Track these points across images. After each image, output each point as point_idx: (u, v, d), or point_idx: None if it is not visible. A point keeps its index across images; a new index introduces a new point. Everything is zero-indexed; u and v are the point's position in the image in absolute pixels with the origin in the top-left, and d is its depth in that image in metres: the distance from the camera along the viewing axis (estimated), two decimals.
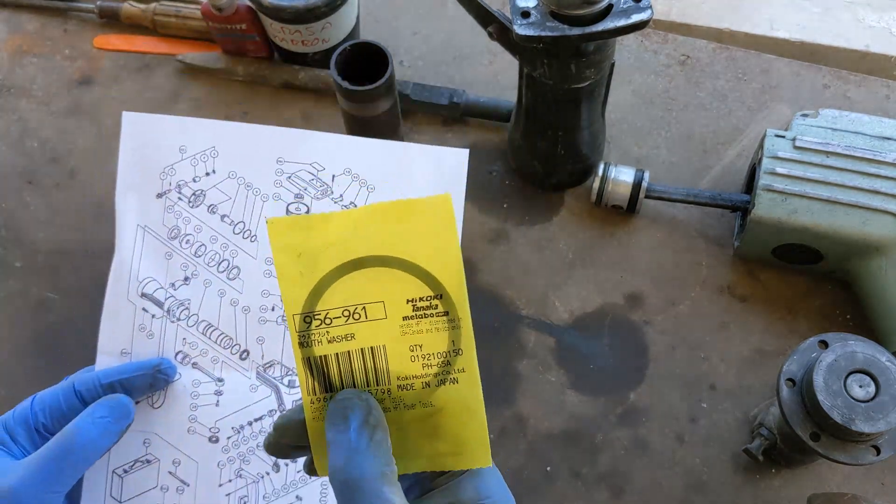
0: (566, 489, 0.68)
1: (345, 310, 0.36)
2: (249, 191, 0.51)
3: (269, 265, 0.51)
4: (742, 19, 0.90)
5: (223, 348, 0.51)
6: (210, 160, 0.51)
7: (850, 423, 0.54)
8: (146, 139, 0.52)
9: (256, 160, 0.51)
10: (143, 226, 0.52)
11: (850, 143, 0.70)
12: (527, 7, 0.63)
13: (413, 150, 0.51)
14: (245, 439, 0.51)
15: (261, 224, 0.51)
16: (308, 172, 0.51)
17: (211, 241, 0.51)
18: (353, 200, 0.51)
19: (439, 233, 0.35)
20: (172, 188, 0.52)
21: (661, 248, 0.77)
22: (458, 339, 0.38)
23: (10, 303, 0.77)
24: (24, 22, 0.92)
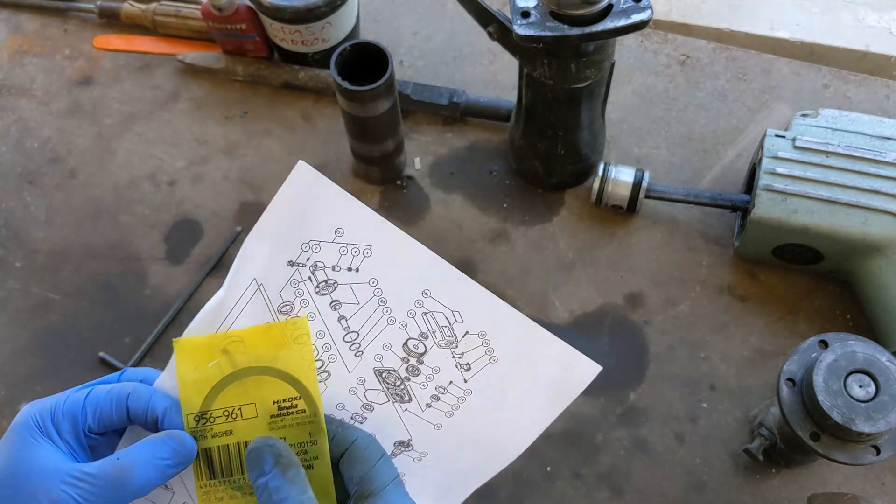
0: (566, 489, 0.68)
1: (224, 410, 0.44)
2: (381, 307, 0.47)
3: (359, 384, 0.48)
4: (742, 19, 0.90)
5: None
6: (360, 257, 0.47)
7: (850, 423, 0.54)
8: (308, 200, 0.47)
9: (405, 282, 0.47)
10: (261, 283, 0.47)
11: (850, 143, 0.70)
12: (527, 7, 0.63)
13: (553, 345, 0.48)
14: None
15: (375, 343, 0.48)
16: (446, 318, 0.48)
17: (317, 335, 0.47)
18: (470, 362, 0.48)
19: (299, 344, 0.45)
20: (308, 264, 0.47)
21: (661, 248, 0.77)
22: (314, 431, 0.45)
23: (10, 303, 0.77)
24: (24, 22, 0.92)
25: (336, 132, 0.84)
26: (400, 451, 0.49)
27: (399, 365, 0.48)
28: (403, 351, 0.48)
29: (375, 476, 0.44)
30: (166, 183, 0.82)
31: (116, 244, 0.79)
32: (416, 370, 0.48)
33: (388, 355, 0.48)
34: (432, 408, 0.49)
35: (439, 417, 0.49)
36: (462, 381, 0.48)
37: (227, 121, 0.85)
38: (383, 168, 0.79)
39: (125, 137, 0.85)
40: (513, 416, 0.49)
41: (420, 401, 0.48)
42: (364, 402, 0.48)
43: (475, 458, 0.50)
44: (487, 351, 0.48)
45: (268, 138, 0.84)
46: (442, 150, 0.83)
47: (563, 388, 0.49)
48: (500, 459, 0.50)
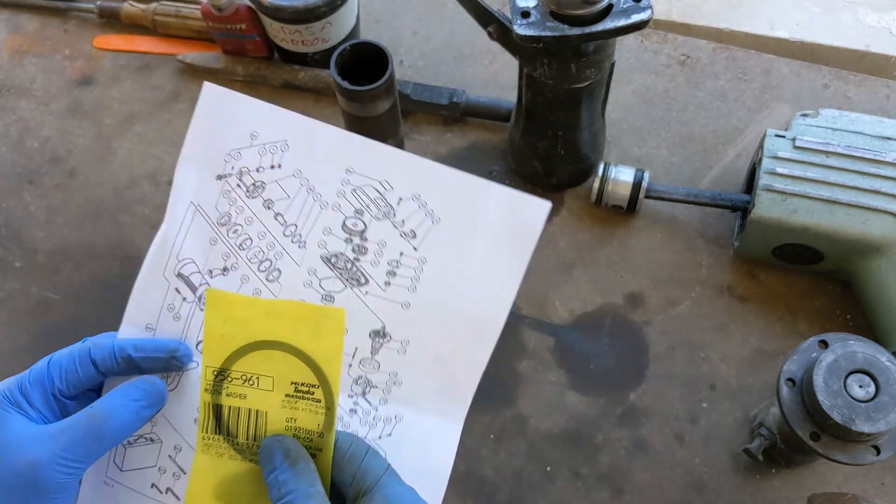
0: (566, 489, 0.68)
1: (243, 374, 0.44)
2: (311, 195, 0.48)
3: (311, 276, 0.48)
4: (742, 19, 0.90)
5: None
6: (279, 153, 0.49)
7: (850, 423, 0.54)
8: (221, 115, 0.49)
9: (326, 164, 0.48)
10: (197, 204, 0.49)
11: (850, 143, 0.70)
12: (527, 7, 0.63)
13: (492, 191, 0.47)
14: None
15: (315, 230, 0.48)
16: (375, 189, 0.48)
17: (259, 236, 0.49)
18: (414, 228, 0.48)
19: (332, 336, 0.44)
20: (234, 173, 0.49)
21: (661, 248, 0.77)
22: (325, 424, 0.45)
23: (10, 303, 0.77)
24: (24, 22, 0.92)
25: None
26: (380, 345, 0.48)
27: (344, 247, 0.48)
28: (344, 232, 0.48)
29: (367, 472, 0.44)
30: (166, 183, 0.82)
31: (116, 244, 0.79)
32: (363, 248, 0.48)
33: (330, 240, 0.48)
34: (392, 285, 0.48)
35: (403, 295, 0.48)
36: (412, 250, 0.48)
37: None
38: None
39: (125, 137, 0.85)
40: (479, 279, 0.48)
41: (377, 280, 0.48)
42: (322, 293, 0.48)
43: (460, 336, 0.48)
44: (427, 213, 0.47)
45: None
46: (442, 150, 0.83)
47: (519, 235, 0.47)
48: (487, 331, 0.49)
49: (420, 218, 0.48)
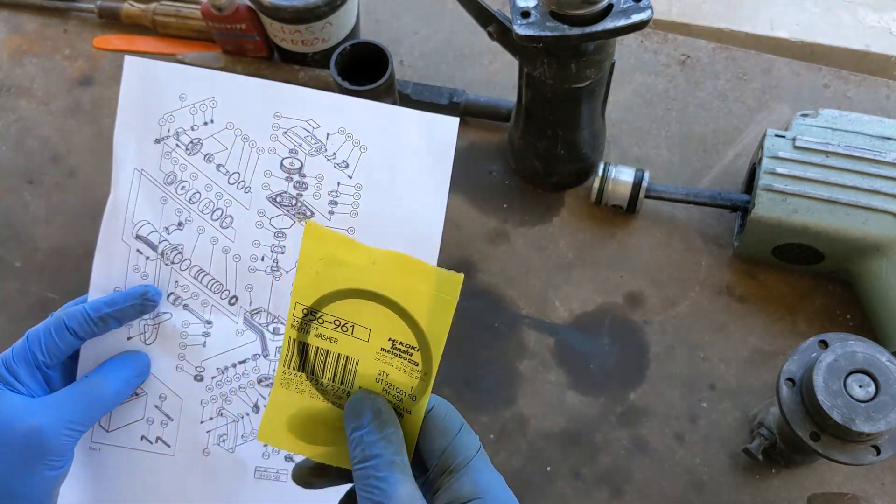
0: (566, 489, 0.68)
1: (337, 319, 0.40)
2: (246, 143, 0.52)
3: (261, 217, 0.52)
4: (742, 19, 0.90)
5: (213, 293, 0.52)
6: (209, 110, 0.52)
7: (850, 423, 0.54)
8: (147, 84, 0.53)
9: (254, 113, 0.52)
10: (140, 169, 0.53)
11: (850, 143, 0.70)
12: (527, 7, 0.63)
13: (406, 115, 0.52)
14: (228, 380, 0.52)
15: (256, 174, 0.52)
16: (303, 129, 0.52)
17: (206, 189, 0.52)
18: (345, 159, 0.52)
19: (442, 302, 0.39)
20: (171, 135, 0.52)
21: (660, 248, 0.77)
22: (419, 389, 0.42)
23: (10, 303, 0.77)
24: (24, 22, 0.92)
25: None
26: None
27: (286, 185, 0.52)
28: (283, 171, 0.52)
29: (459, 449, 0.41)
30: None
31: None
32: (303, 184, 0.52)
33: (272, 181, 0.52)
34: (335, 213, 0.52)
35: (347, 221, 0.52)
36: (347, 179, 0.52)
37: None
38: None
39: None
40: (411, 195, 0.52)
41: (321, 211, 0.52)
42: (274, 230, 0.52)
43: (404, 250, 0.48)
44: (354, 143, 0.52)
45: None
46: None
47: (437, 151, 0.52)
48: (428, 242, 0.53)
49: (349, 149, 0.52)
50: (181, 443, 0.52)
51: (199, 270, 0.52)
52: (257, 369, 0.52)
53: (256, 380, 0.52)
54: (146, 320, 0.53)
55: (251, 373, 0.52)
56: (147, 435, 0.52)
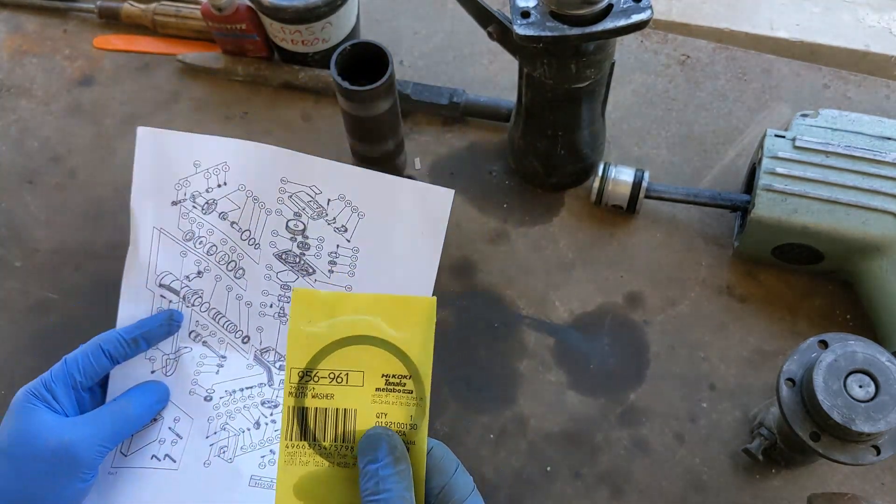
0: (566, 489, 0.68)
1: (331, 373, 0.42)
2: (256, 203, 0.57)
3: (269, 270, 0.57)
4: (742, 19, 0.90)
5: (228, 332, 0.58)
6: (222, 173, 0.57)
7: (850, 423, 0.54)
8: (161, 153, 0.57)
9: (263, 177, 0.57)
10: (160, 228, 0.57)
11: (850, 143, 0.70)
12: (527, 7, 0.63)
13: (403, 185, 0.56)
14: (234, 401, 0.57)
15: (265, 233, 0.57)
16: (307, 194, 0.57)
17: (221, 243, 0.57)
18: (344, 223, 0.57)
19: (421, 325, 0.43)
20: (187, 198, 0.57)
21: (660, 248, 0.77)
22: (417, 416, 0.44)
23: (10, 303, 0.77)
24: (24, 22, 0.92)
25: (336, 132, 0.84)
26: None
27: (290, 245, 0.58)
28: (288, 232, 0.58)
29: (455, 488, 0.44)
30: None
31: (116, 244, 0.79)
32: (306, 245, 0.57)
33: (278, 240, 0.58)
34: (334, 273, 0.57)
35: (345, 279, 0.57)
36: (346, 242, 0.57)
37: (227, 121, 0.85)
38: (383, 168, 0.79)
39: (125, 137, 0.85)
40: (404, 260, 0.57)
41: (322, 269, 0.57)
42: (280, 282, 0.58)
43: None
44: (353, 209, 0.57)
45: (268, 138, 0.84)
46: (442, 150, 0.83)
47: (432, 219, 0.57)
48: None
49: (348, 214, 0.57)
50: (186, 457, 0.55)
51: (216, 313, 0.58)
52: (262, 394, 0.57)
53: (260, 402, 0.57)
54: (168, 354, 0.57)
55: (256, 396, 0.57)
56: (157, 454, 0.56)
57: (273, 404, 0.57)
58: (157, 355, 0.58)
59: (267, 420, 0.56)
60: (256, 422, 0.56)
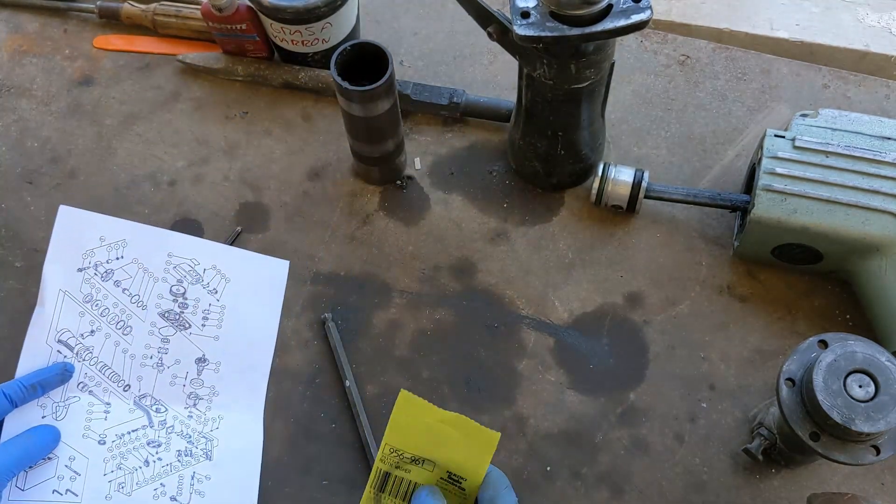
0: (566, 489, 0.68)
1: (413, 456, 0.56)
2: (146, 274, 0.70)
3: (153, 327, 0.70)
4: (742, 19, 0.90)
5: (112, 382, 0.68)
6: (121, 248, 0.70)
7: (849, 423, 0.54)
8: (74, 228, 0.70)
9: (153, 252, 0.71)
10: (65, 290, 0.68)
11: (849, 143, 0.70)
12: (527, 7, 0.63)
13: (253, 258, 0.73)
14: (125, 443, 0.67)
15: (151, 296, 0.70)
16: (188, 264, 0.71)
17: (113, 306, 0.69)
18: (215, 287, 0.71)
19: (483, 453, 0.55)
20: (91, 266, 0.69)
21: (660, 248, 0.77)
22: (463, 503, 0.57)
23: (10, 303, 0.77)
24: (24, 22, 0.92)
25: (336, 132, 0.84)
26: (202, 368, 0.70)
27: (172, 305, 0.71)
28: (171, 294, 0.71)
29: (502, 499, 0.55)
30: (167, 183, 0.82)
31: None
32: (185, 304, 0.71)
33: (163, 301, 0.71)
34: (206, 326, 0.71)
35: (214, 331, 0.71)
36: (217, 301, 0.71)
37: (227, 121, 0.85)
38: (383, 168, 0.79)
39: (125, 137, 0.85)
40: (255, 315, 0.72)
41: (196, 324, 0.71)
42: (161, 337, 0.70)
43: (251, 356, 0.71)
44: (222, 276, 0.72)
45: (268, 138, 0.84)
46: (442, 150, 0.83)
47: (274, 283, 0.73)
48: (266, 351, 0.72)
49: (218, 280, 0.72)
50: (87, 491, 0.65)
51: (103, 365, 0.68)
52: (146, 435, 0.67)
53: (146, 442, 0.67)
54: (57, 402, 0.67)
55: (141, 437, 0.67)
56: (58, 489, 0.64)
57: (157, 444, 0.67)
58: (48, 402, 0.67)
59: (154, 458, 0.67)
60: (146, 460, 0.67)
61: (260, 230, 0.80)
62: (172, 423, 0.68)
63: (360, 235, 0.79)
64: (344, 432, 0.71)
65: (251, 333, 0.71)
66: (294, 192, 0.81)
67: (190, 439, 0.68)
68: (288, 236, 0.79)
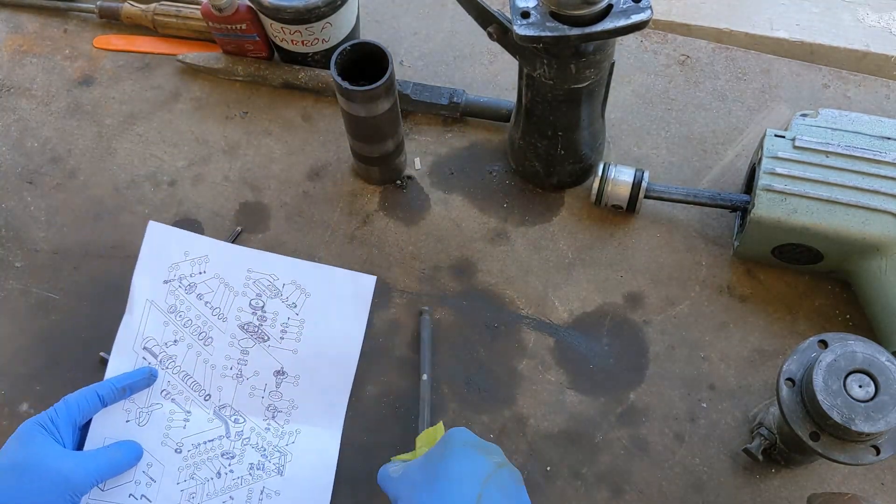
0: (566, 489, 0.68)
1: None
2: (227, 288, 0.73)
3: (232, 339, 0.72)
4: (742, 19, 0.90)
5: (193, 391, 0.70)
6: (203, 264, 0.73)
7: (849, 423, 0.54)
8: (162, 243, 0.73)
9: (234, 268, 0.73)
10: (151, 300, 0.72)
11: (849, 142, 0.70)
12: (527, 7, 0.63)
13: (337, 273, 0.73)
14: (200, 453, 0.69)
15: (231, 309, 0.72)
16: (267, 279, 0.73)
17: (196, 317, 0.72)
18: (294, 301, 0.73)
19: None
20: (175, 279, 0.72)
21: (660, 248, 0.77)
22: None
23: (10, 303, 0.77)
24: (24, 22, 0.92)
25: (336, 132, 0.84)
26: (281, 381, 0.71)
27: (251, 318, 0.73)
28: (251, 307, 0.73)
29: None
30: (167, 183, 0.82)
31: (117, 244, 0.79)
32: (264, 317, 0.72)
33: (242, 314, 0.73)
34: (285, 339, 0.72)
35: (293, 344, 0.72)
36: (295, 315, 0.72)
37: (227, 121, 0.85)
38: (383, 168, 0.79)
39: (125, 137, 0.85)
40: (339, 330, 0.72)
41: (274, 337, 0.72)
42: (241, 348, 0.72)
43: (332, 370, 0.71)
44: (302, 291, 0.73)
45: (268, 138, 0.84)
46: (442, 150, 0.83)
47: (359, 299, 0.73)
48: (349, 366, 0.72)
49: (297, 295, 0.73)
50: (160, 498, 0.67)
51: (185, 374, 0.71)
52: (221, 446, 0.69)
53: (220, 454, 0.69)
54: (141, 408, 0.69)
55: (216, 448, 0.69)
56: (134, 493, 0.67)
57: (231, 455, 0.69)
58: (133, 408, 0.69)
59: (226, 470, 0.68)
60: (218, 472, 0.68)
61: (260, 230, 0.80)
62: (249, 434, 0.70)
63: (360, 235, 0.79)
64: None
65: (333, 348, 0.72)
66: (294, 192, 0.81)
67: (264, 452, 0.69)
68: (288, 236, 0.79)
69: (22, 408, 0.72)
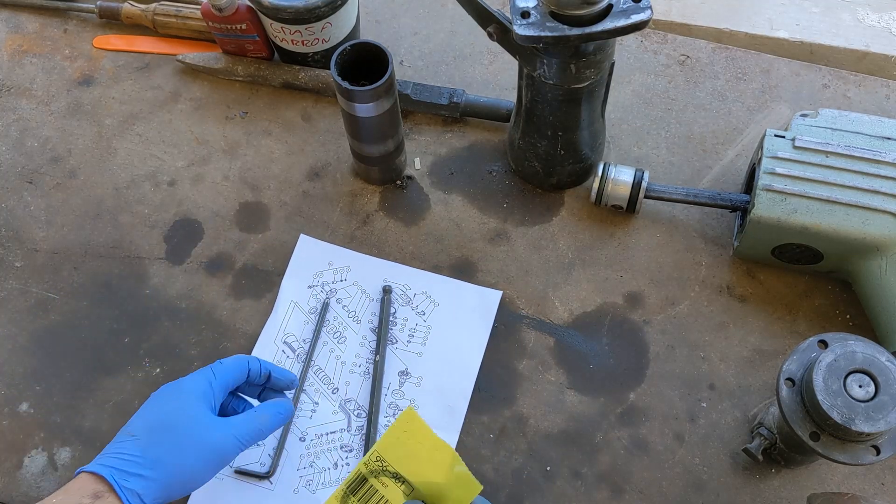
0: (566, 489, 0.68)
1: (396, 473, 0.58)
2: (364, 295, 0.77)
3: (364, 339, 0.75)
4: (742, 19, 0.90)
5: (323, 384, 0.74)
6: (345, 273, 0.78)
7: (849, 423, 0.54)
8: (310, 253, 0.79)
9: (371, 278, 0.78)
10: (295, 302, 0.77)
11: (849, 143, 0.70)
12: (527, 7, 0.63)
13: (466, 287, 0.77)
14: (321, 443, 0.72)
15: (366, 313, 0.76)
16: (401, 289, 0.77)
17: (333, 318, 0.76)
18: (423, 310, 0.76)
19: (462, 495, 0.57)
20: (318, 284, 0.78)
21: (660, 247, 0.77)
22: None
23: (10, 303, 0.77)
24: (24, 22, 0.92)
25: (336, 132, 0.84)
26: (404, 381, 0.73)
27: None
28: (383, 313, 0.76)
29: None
30: (166, 183, 0.82)
31: (116, 244, 0.79)
32: (394, 322, 0.76)
33: (375, 318, 0.76)
34: (412, 342, 0.75)
35: (418, 348, 0.75)
36: (423, 322, 0.76)
37: (227, 121, 0.85)
38: (383, 168, 0.79)
39: (125, 137, 0.85)
40: (463, 338, 0.75)
41: (402, 340, 0.75)
42: (370, 348, 0.75)
43: (453, 374, 0.73)
44: (431, 301, 0.77)
45: (268, 138, 0.84)
46: (442, 150, 0.83)
47: (484, 311, 0.76)
48: (470, 372, 0.73)
49: (427, 303, 0.77)
50: (280, 482, 0.70)
51: (318, 368, 0.75)
52: (342, 439, 0.72)
53: (339, 446, 0.72)
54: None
55: (336, 440, 0.72)
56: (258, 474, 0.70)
57: (349, 449, 0.71)
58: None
59: (343, 462, 0.71)
60: (335, 463, 0.71)
61: (260, 230, 0.80)
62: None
63: (360, 235, 0.79)
64: None
65: (455, 355, 0.74)
66: (294, 192, 0.81)
67: None
68: (288, 236, 0.79)
69: (22, 407, 0.72)
